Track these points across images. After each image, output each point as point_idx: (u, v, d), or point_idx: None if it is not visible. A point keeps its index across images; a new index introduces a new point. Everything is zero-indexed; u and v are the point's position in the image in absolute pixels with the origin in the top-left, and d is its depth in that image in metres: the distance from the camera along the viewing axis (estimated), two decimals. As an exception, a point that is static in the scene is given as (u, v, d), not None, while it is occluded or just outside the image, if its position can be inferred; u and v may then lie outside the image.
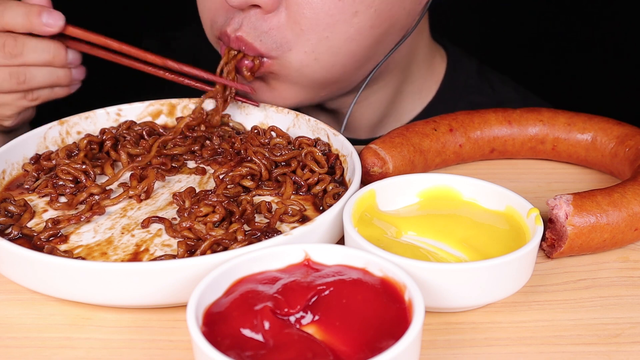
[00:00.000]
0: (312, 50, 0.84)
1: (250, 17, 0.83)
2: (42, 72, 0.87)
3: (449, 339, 0.58)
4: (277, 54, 0.84)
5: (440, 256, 0.63)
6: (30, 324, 0.60)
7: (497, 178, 0.81)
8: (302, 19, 0.82)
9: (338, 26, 0.83)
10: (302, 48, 0.84)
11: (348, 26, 0.83)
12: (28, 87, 0.86)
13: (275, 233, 0.66)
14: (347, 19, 0.82)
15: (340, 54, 0.85)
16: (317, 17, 0.81)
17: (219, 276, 0.54)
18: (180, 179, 0.77)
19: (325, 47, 0.84)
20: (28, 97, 0.88)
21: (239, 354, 0.48)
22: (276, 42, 0.83)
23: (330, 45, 0.84)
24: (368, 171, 0.74)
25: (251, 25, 0.83)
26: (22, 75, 0.85)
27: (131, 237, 0.67)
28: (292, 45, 0.84)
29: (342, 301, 0.52)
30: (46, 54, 0.85)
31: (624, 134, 0.79)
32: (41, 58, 0.85)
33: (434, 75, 1.09)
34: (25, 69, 0.85)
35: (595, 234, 0.65)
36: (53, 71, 0.87)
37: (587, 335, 0.59)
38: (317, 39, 0.83)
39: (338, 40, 0.84)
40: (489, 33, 1.69)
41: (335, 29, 0.83)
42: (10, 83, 0.85)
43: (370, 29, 0.85)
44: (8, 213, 0.70)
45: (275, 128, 0.84)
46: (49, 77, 0.87)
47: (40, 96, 0.89)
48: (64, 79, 0.89)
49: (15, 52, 0.84)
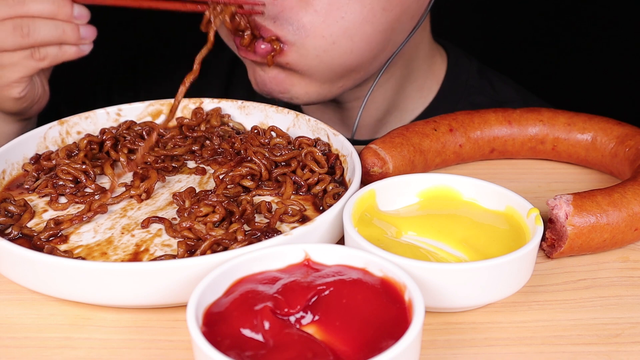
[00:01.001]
0: (330, 33, 0.84)
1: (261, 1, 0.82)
2: (47, 24, 0.83)
3: (449, 339, 0.58)
4: (294, 38, 0.84)
5: (440, 256, 0.63)
6: (30, 324, 0.60)
7: (497, 178, 0.81)
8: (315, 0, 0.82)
9: (352, 6, 0.83)
10: (319, 32, 0.84)
11: (361, 6, 0.83)
12: (33, 40, 0.83)
13: (275, 233, 0.66)
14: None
15: (357, 38, 0.86)
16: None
17: (219, 276, 0.54)
18: (180, 179, 0.77)
19: (341, 29, 0.84)
20: (35, 56, 0.84)
21: (239, 354, 0.48)
22: (292, 24, 0.83)
23: (346, 27, 0.84)
24: (368, 171, 0.74)
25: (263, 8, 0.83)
26: (26, 27, 0.82)
27: (131, 237, 0.67)
28: (309, 29, 0.84)
29: (342, 301, 0.52)
30: (50, 5, 0.82)
31: (624, 134, 0.79)
32: (45, 9, 0.82)
33: (435, 75, 1.09)
34: (29, 21, 0.82)
35: (595, 234, 0.65)
36: (59, 24, 0.84)
37: (587, 335, 0.59)
38: (332, 20, 0.83)
39: (353, 21, 0.84)
40: (489, 33, 1.69)
41: (349, 9, 0.83)
42: (14, 37, 0.82)
43: (382, 11, 0.85)
44: (8, 213, 0.70)
45: (275, 128, 0.84)
46: (54, 31, 0.83)
47: (48, 54, 0.85)
48: (70, 34, 0.85)
49: (18, 1, 0.81)
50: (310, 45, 0.85)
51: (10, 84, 0.86)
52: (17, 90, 0.86)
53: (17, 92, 0.86)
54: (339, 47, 0.86)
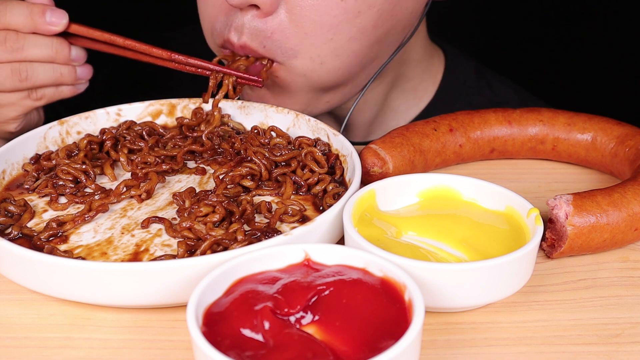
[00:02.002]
0: (318, 54, 0.84)
1: (250, 20, 0.82)
2: (45, 68, 0.85)
3: (449, 339, 0.58)
4: (282, 59, 0.84)
5: (440, 256, 0.63)
6: (30, 324, 0.60)
7: (497, 178, 0.81)
8: (306, 22, 0.81)
9: (341, 27, 0.82)
10: (307, 54, 0.84)
11: (351, 26, 0.83)
12: (31, 84, 0.85)
13: (275, 233, 0.66)
14: (350, 19, 0.82)
15: (344, 55, 0.85)
16: (321, 19, 0.81)
17: (219, 276, 0.54)
18: (180, 179, 0.77)
19: (329, 49, 0.84)
20: (32, 96, 0.86)
21: (239, 354, 0.48)
22: (280, 48, 0.83)
23: (334, 47, 0.84)
24: (368, 171, 0.74)
25: (251, 30, 0.83)
26: (24, 72, 0.83)
27: (131, 237, 0.67)
28: (297, 51, 0.84)
29: (342, 301, 0.52)
30: (48, 50, 0.84)
31: (624, 134, 0.79)
32: (43, 53, 0.84)
33: (432, 76, 1.09)
34: (27, 65, 0.84)
35: (595, 234, 0.65)
36: (56, 68, 0.86)
37: (587, 335, 0.59)
38: (321, 42, 0.83)
39: (341, 41, 0.83)
40: (487, 34, 1.69)
41: (338, 30, 0.83)
42: (13, 80, 0.84)
43: (373, 28, 0.85)
44: (8, 213, 0.70)
45: (275, 128, 0.84)
46: (52, 74, 0.86)
47: (45, 95, 0.87)
48: (68, 76, 0.87)
49: (17, 47, 0.82)
50: (299, 65, 0.85)
51: (7, 121, 0.88)
52: (13, 126, 0.89)
53: (13, 127, 0.89)
54: (326, 67, 0.85)
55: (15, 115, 0.88)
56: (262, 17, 0.82)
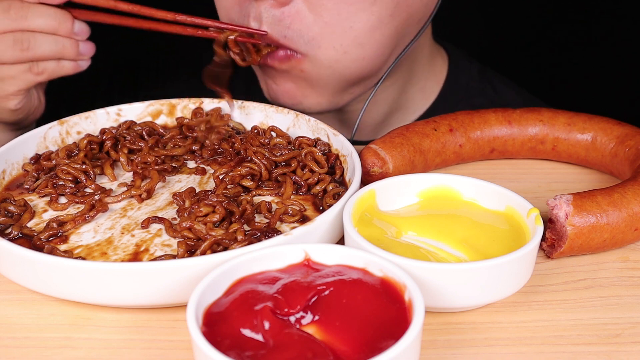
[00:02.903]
0: (340, 43, 0.84)
1: (265, 10, 0.83)
2: (48, 39, 0.84)
3: (449, 339, 0.58)
4: (305, 49, 0.85)
5: (440, 256, 0.63)
6: (30, 324, 0.60)
7: (497, 178, 0.81)
8: (323, 10, 0.82)
9: (359, 15, 0.83)
10: (330, 43, 0.84)
11: (369, 14, 0.83)
12: (33, 55, 0.83)
13: (275, 233, 0.66)
14: (367, 7, 0.83)
15: (367, 45, 0.86)
16: (338, 7, 0.82)
17: (219, 276, 0.54)
18: (180, 179, 0.77)
19: (351, 38, 0.84)
20: (33, 70, 0.85)
21: (239, 354, 0.48)
22: (302, 37, 0.84)
23: (355, 35, 0.84)
24: (368, 171, 0.74)
25: (270, 20, 0.83)
26: (26, 42, 0.82)
27: (131, 237, 0.67)
28: (320, 41, 0.84)
29: (342, 301, 0.52)
30: (52, 20, 0.83)
31: (624, 134, 0.79)
32: (46, 24, 0.83)
33: (436, 76, 1.09)
34: (30, 35, 0.83)
35: (595, 234, 0.65)
36: (59, 40, 0.84)
37: (587, 335, 0.59)
38: (342, 31, 0.83)
39: (362, 30, 0.84)
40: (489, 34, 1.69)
41: (357, 18, 0.83)
42: (14, 50, 0.82)
43: (390, 17, 0.85)
44: (8, 213, 0.70)
45: (275, 128, 0.84)
46: (54, 46, 0.84)
47: (46, 69, 0.86)
48: (70, 50, 0.85)
49: (20, 15, 0.81)
50: (323, 57, 0.85)
51: (7, 96, 0.86)
52: (14, 102, 0.87)
53: (14, 104, 0.87)
54: (350, 56, 0.86)
55: (16, 90, 0.86)
56: (278, 7, 0.82)
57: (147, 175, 0.75)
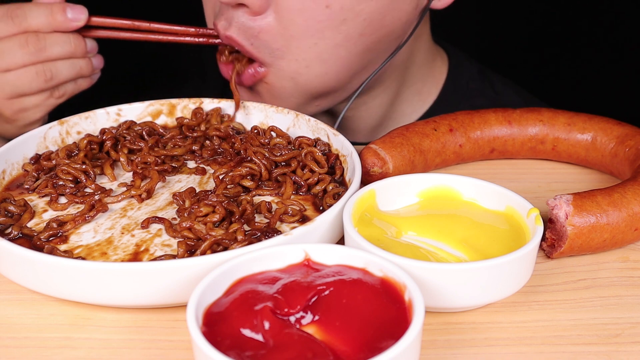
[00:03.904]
0: (303, 57, 0.85)
1: (238, 16, 0.84)
2: (66, 65, 0.87)
3: (449, 339, 0.58)
4: (270, 60, 0.86)
5: (440, 256, 0.63)
6: (30, 324, 0.60)
7: (497, 178, 0.81)
8: (292, 26, 0.83)
9: (326, 32, 0.84)
10: (293, 56, 0.85)
11: (336, 33, 0.84)
12: (56, 82, 0.87)
13: (275, 233, 0.66)
14: (335, 25, 0.83)
15: (330, 61, 0.86)
16: (307, 23, 0.82)
17: (219, 276, 0.54)
18: (180, 179, 0.77)
19: (314, 53, 0.85)
20: (55, 95, 0.88)
21: (239, 354, 0.48)
22: (268, 48, 0.85)
23: (319, 51, 0.85)
24: (368, 171, 0.74)
25: (239, 26, 0.84)
26: (49, 72, 0.85)
27: (131, 237, 0.67)
28: (284, 52, 0.85)
29: (342, 301, 0.52)
30: (68, 46, 0.86)
31: (624, 134, 0.79)
32: (64, 50, 0.86)
33: (435, 78, 1.09)
34: (51, 65, 0.86)
35: (595, 234, 0.65)
36: (76, 62, 0.88)
37: (587, 335, 0.59)
38: (306, 46, 0.84)
39: (326, 46, 0.85)
40: (489, 34, 1.69)
41: (323, 36, 0.84)
42: (38, 82, 0.85)
43: (359, 36, 0.85)
44: (8, 213, 0.70)
45: (275, 128, 0.84)
46: (72, 69, 0.88)
47: (66, 91, 0.89)
48: (86, 68, 0.89)
49: (39, 47, 0.84)
50: (286, 68, 0.86)
51: (31, 123, 0.90)
52: (35, 126, 0.90)
53: (35, 127, 0.90)
54: (312, 71, 0.87)
55: (40, 117, 0.90)
56: (252, 15, 0.83)
57: (147, 175, 0.75)
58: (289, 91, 0.89)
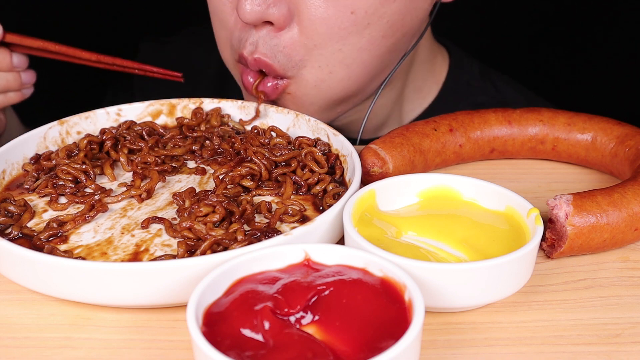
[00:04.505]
0: (326, 64, 0.84)
1: (263, 36, 0.83)
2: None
3: (449, 339, 0.59)
4: (292, 73, 0.85)
5: (440, 256, 0.63)
6: (30, 324, 0.60)
7: (497, 178, 0.81)
8: (315, 35, 0.82)
9: (350, 38, 0.83)
10: (315, 63, 0.84)
11: (360, 37, 0.83)
12: None
13: (275, 233, 0.66)
14: (359, 30, 0.82)
15: (354, 65, 0.85)
16: (331, 31, 0.82)
17: (219, 276, 0.54)
18: (180, 179, 0.77)
19: (338, 59, 0.84)
20: None
21: (239, 354, 0.48)
22: (291, 61, 0.84)
23: (343, 57, 0.84)
24: (368, 171, 0.74)
25: (266, 45, 0.83)
26: None
27: (131, 237, 0.67)
28: (306, 62, 0.84)
29: (342, 301, 0.52)
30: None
31: (624, 134, 0.79)
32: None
33: (435, 76, 1.09)
34: None
35: (595, 234, 0.65)
36: (2, 75, 0.89)
37: (587, 335, 0.59)
38: (329, 53, 0.83)
39: (350, 51, 0.84)
40: (489, 33, 1.69)
41: (347, 41, 0.83)
42: None
43: (382, 39, 0.85)
44: (8, 213, 0.70)
45: (275, 128, 0.84)
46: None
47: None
48: (13, 82, 0.90)
49: None
50: (308, 76, 0.85)
51: None
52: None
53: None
54: (336, 76, 0.86)
55: None
56: (276, 31, 0.82)
57: (147, 175, 0.75)
58: (311, 99, 0.88)
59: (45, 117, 0.94)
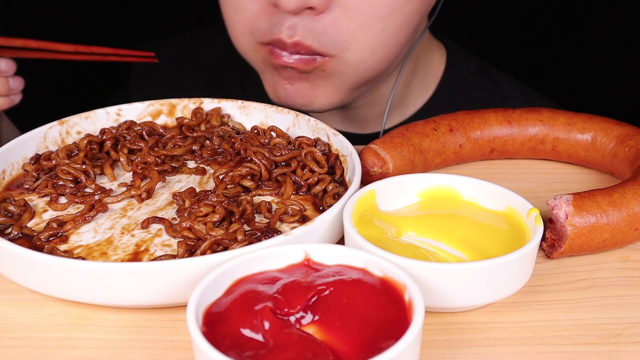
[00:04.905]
0: (370, 45, 0.84)
1: (302, 20, 0.82)
2: None
3: (449, 339, 0.59)
4: (335, 52, 0.84)
5: (440, 256, 0.63)
6: (30, 324, 0.60)
7: (497, 178, 0.81)
8: (360, 14, 0.81)
9: (392, 16, 0.83)
10: (359, 45, 0.84)
11: (400, 14, 0.83)
12: None
13: (275, 233, 0.66)
14: (401, 7, 0.82)
15: (392, 44, 0.86)
16: (374, 10, 0.81)
17: (219, 276, 0.54)
18: (180, 179, 0.77)
19: (380, 39, 0.84)
20: None
21: (239, 354, 0.48)
22: (334, 41, 0.83)
23: (385, 36, 0.84)
24: (368, 171, 0.74)
25: (306, 28, 0.83)
26: None
27: (131, 237, 0.67)
28: (350, 43, 0.84)
29: (342, 301, 0.52)
30: None
31: (624, 134, 0.79)
32: None
33: (434, 70, 1.09)
34: None
35: (595, 234, 0.65)
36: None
37: (587, 335, 0.59)
38: (374, 33, 0.83)
39: (391, 30, 0.84)
40: (489, 32, 1.69)
41: (390, 20, 0.83)
42: None
43: (416, 14, 0.85)
44: (8, 213, 0.70)
45: (275, 128, 0.84)
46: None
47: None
48: (1, 88, 0.89)
49: None
50: (350, 57, 0.85)
51: None
52: None
53: None
54: (375, 57, 0.86)
55: None
56: (316, 15, 0.82)
57: (147, 175, 0.75)
58: (345, 77, 0.87)
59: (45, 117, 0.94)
